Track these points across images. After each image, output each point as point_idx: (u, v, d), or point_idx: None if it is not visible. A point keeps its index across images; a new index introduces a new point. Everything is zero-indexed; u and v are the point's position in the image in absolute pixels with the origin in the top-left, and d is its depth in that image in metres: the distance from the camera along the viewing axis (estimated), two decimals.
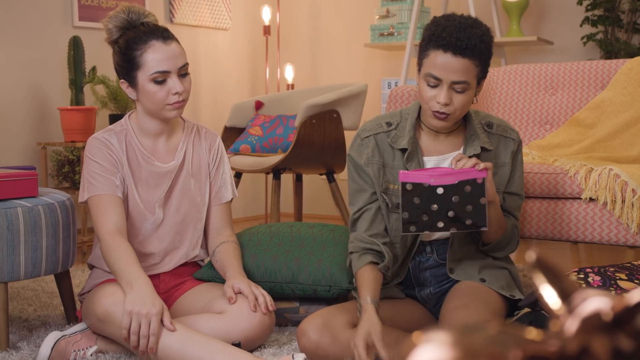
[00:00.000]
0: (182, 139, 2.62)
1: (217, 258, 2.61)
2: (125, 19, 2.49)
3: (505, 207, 2.43)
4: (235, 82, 5.85)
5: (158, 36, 2.45)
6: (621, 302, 0.69)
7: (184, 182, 2.59)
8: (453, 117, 2.28)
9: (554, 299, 0.75)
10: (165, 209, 2.57)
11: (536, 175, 2.85)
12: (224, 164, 2.70)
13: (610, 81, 3.35)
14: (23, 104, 4.41)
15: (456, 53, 2.20)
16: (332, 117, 4.20)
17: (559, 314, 0.74)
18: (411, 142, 2.38)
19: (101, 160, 2.48)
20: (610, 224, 2.73)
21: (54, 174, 4.37)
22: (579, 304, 0.72)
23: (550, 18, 5.06)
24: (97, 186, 2.46)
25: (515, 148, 2.43)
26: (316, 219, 5.46)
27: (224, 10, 5.66)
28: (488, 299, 2.37)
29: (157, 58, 2.42)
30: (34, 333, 2.68)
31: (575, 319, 0.71)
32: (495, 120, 2.45)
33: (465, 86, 2.22)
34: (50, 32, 4.53)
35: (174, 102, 2.45)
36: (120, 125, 2.58)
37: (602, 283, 2.40)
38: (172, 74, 2.44)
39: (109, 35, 2.52)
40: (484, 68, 2.28)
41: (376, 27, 5.14)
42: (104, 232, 2.40)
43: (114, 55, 2.52)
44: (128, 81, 2.49)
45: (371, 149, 2.42)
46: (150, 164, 2.55)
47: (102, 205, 2.44)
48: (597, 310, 0.70)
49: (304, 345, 2.28)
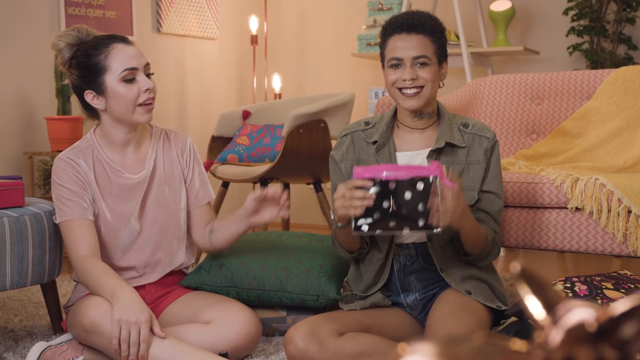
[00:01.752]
0: (151, 146, 2.58)
1: (217, 228, 2.61)
2: (77, 35, 2.49)
3: (481, 207, 2.45)
4: (223, 92, 5.85)
5: (118, 39, 2.46)
6: (605, 313, 0.70)
7: (158, 191, 2.56)
8: (424, 93, 2.38)
9: (538, 310, 0.75)
10: (142, 221, 2.54)
11: (522, 185, 2.86)
12: (198, 164, 2.67)
13: (596, 91, 3.36)
14: (9, 113, 4.40)
15: (410, 31, 2.37)
16: (319, 126, 4.20)
17: (543, 324, 0.74)
18: (383, 136, 2.47)
19: (67, 184, 2.46)
20: (596, 234, 2.74)
21: (41, 184, 4.35)
22: (564, 314, 0.73)
23: (537, 28, 5.09)
24: (66, 211, 2.45)
25: (489, 146, 2.46)
26: (303, 228, 5.45)
27: (211, 19, 5.66)
28: (474, 308, 2.37)
29: (123, 57, 2.42)
30: (20, 343, 2.67)
31: (560, 329, 0.71)
32: (473, 122, 2.50)
33: (426, 60, 2.37)
34: (37, 41, 4.52)
35: (145, 100, 2.43)
36: (86, 141, 2.54)
37: (589, 292, 2.41)
38: (139, 71, 2.43)
39: (61, 56, 2.49)
40: (440, 47, 2.41)
41: (363, 37, 5.15)
42: (77, 257, 2.41)
43: (71, 73, 2.49)
44: (94, 89, 2.45)
45: (346, 146, 2.53)
46: (120, 176, 2.51)
47: (72, 231, 2.43)
48: (581, 321, 0.70)
49: (291, 353, 2.28)
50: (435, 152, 2.42)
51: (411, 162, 2.46)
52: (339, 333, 2.31)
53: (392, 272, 2.49)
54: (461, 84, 5.03)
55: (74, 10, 4.68)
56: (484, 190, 2.46)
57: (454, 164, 2.44)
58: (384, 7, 5.10)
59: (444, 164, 2.36)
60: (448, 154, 2.44)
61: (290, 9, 5.97)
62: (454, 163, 2.44)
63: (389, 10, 5.06)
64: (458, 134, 2.46)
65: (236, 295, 2.68)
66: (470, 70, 4.62)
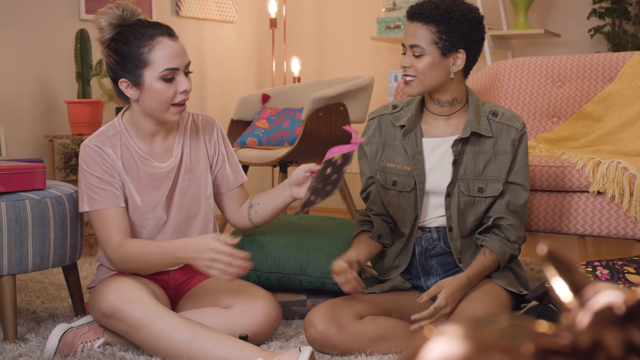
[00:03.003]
0: (178, 133, 2.53)
1: (256, 202, 2.59)
2: (120, 15, 2.37)
3: (506, 199, 2.43)
4: (242, 75, 5.85)
5: (164, 32, 2.36)
6: (634, 296, 0.69)
7: (184, 179, 2.51)
8: (416, 83, 2.38)
9: (565, 292, 0.74)
10: (168, 210, 2.51)
11: (543, 169, 2.84)
12: (228, 146, 2.63)
13: (617, 74, 3.34)
14: (30, 97, 4.42)
15: (411, 19, 2.38)
16: (338, 110, 4.19)
17: (570, 307, 0.73)
18: (411, 121, 2.46)
19: (97, 172, 2.40)
20: (618, 217, 2.72)
21: (61, 167, 4.37)
22: (591, 297, 0.72)
23: (558, 11, 5.04)
24: (99, 200, 2.39)
25: (516, 137, 2.43)
26: (323, 212, 5.45)
27: (230, 3, 5.65)
28: (495, 292, 2.37)
29: (166, 55, 2.33)
30: (42, 325, 2.69)
31: (587, 312, 0.71)
32: (502, 110, 2.46)
33: (419, 50, 2.35)
34: (57, 25, 4.53)
35: (179, 102, 2.37)
36: (114, 127, 2.48)
37: (610, 276, 2.39)
38: (180, 71, 2.36)
39: (102, 34, 2.39)
40: (447, 37, 2.34)
41: (382, 20, 5.13)
42: (112, 246, 2.37)
43: (110, 55, 2.39)
44: (130, 80, 2.37)
45: (372, 129, 2.54)
46: (148, 165, 2.46)
47: (106, 221, 2.39)
48: (609, 304, 0.70)
49: (311, 336, 2.29)
50: (460, 141, 2.41)
51: (437, 148, 2.45)
52: (359, 316, 2.32)
53: (413, 255, 2.49)
54: (481, 67, 5.00)
55: None
56: (509, 182, 2.44)
57: (481, 154, 2.42)
58: None
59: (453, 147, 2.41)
60: (474, 144, 2.42)
61: None
62: (480, 153, 2.42)
63: None
64: (486, 122, 2.43)
65: (256, 278, 2.69)
66: (491, 54, 4.59)
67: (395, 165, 2.47)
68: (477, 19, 2.37)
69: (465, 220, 2.43)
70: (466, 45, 2.37)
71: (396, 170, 2.46)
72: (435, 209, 2.45)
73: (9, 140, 4.28)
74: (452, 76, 2.39)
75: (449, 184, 2.41)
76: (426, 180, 2.43)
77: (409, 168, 2.44)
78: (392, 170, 2.47)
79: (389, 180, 2.48)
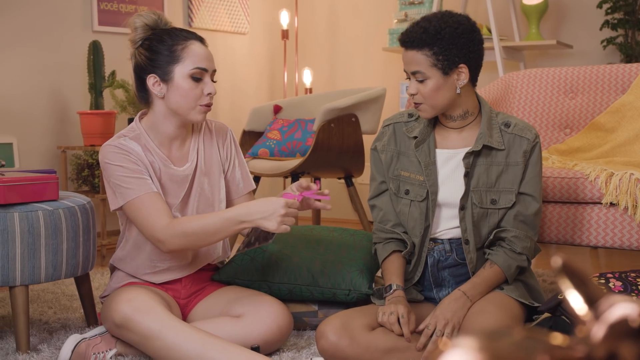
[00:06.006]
0: (193, 139, 2.56)
1: None
2: (156, 20, 2.47)
3: (515, 210, 2.42)
4: (254, 86, 5.86)
5: (197, 38, 2.46)
6: None
7: (199, 183, 2.53)
8: (426, 107, 2.40)
9: (580, 305, 0.74)
10: (183, 213, 2.51)
11: (556, 180, 2.83)
12: (239, 153, 2.66)
13: (630, 85, 3.33)
14: (43, 108, 4.44)
15: (406, 47, 2.37)
16: (350, 121, 4.20)
17: (585, 319, 0.73)
18: (423, 132, 2.47)
19: (124, 163, 2.39)
20: (631, 229, 2.71)
21: (74, 178, 4.39)
22: (606, 309, 0.72)
23: (570, 22, 5.04)
24: (132, 189, 2.37)
25: (528, 147, 2.42)
26: (334, 223, 5.45)
27: (242, 14, 5.67)
28: (507, 303, 2.36)
29: (198, 55, 2.41)
30: (54, 336, 2.69)
31: (602, 325, 0.70)
32: (515, 121, 2.45)
33: (421, 75, 2.36)
34: (70, 36, 4.56)
35: (205, 104, 2.41)
36: (132, 130, 2.49)
37: (624, 288, 2.38)
38: (207, 74, 2.42)
39: (134, 34, 2.46)
40: (445, 55, 2.32)
41: (394, 31, 5.13)
42: (161, 229, 2.33)
43: (140, 52, 2.44)
44: (159, 75, 2.41)
45: (387, 137, 2.55)
46: (168, 167, 2.48)
47: (145, 207, 2.36)
48: (624, 317, 0.70)
49: (323, 347, 2.28)
50: (472, 153, 2.40)
51: (450, 160, 2.44)
52: (371, 327, 2.31)
53: (426, 267, 2.48)
54: (493, 78, 5.00)
55: (107, 5, 4.71)
56: (520, 192, 2.43)
57: (493, 165, 2.41)
58: (415, 1, 5.07)
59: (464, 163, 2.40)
60: (486, 156, 2.41)
61: (321, 3, 5.96)
62: (492, 164, 2.41)
63: (420, 4, 5.03)
64: (498, 134, 2.42)
65: (268, 289, 2.69)
66: (503, 65, 4.59)
67: (409, 174, 2.47)
68: (469, 29, 2.35)
69: (480, 232, 2.42)
70: (465, 58, 2.35)
71: (410, 179, 2.47)
72: (448, 220, 2.44)
73: (22, 151, 4.31)
74: (459, 91, 2.38)
75: (462, 196, 2.40)
76: (439, 191, 2.43)
77: (422, 178, 2.44)
78: (405, 179, 2.48)
79: (402, 188, 2.48)
